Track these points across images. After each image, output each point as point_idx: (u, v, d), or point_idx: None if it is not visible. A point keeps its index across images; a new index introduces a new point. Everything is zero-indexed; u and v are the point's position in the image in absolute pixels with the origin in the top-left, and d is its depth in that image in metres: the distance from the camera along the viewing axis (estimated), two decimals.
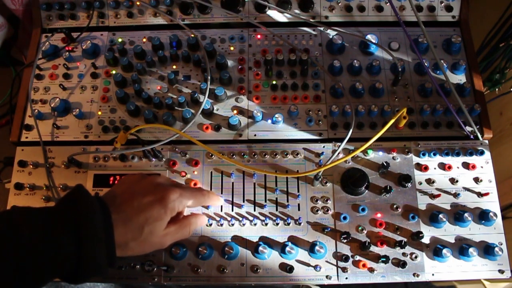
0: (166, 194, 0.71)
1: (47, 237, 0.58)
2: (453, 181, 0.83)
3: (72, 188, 0.65)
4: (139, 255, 0.71)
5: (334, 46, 0.93)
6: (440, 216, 0.78)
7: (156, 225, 0.69)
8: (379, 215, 0.81)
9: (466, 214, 0.78)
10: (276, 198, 0.82)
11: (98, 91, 0.93)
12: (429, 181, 0.83)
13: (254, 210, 0.81)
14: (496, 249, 0.77)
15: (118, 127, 0.89)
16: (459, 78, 0.92)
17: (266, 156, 0.85)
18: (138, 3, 0.98)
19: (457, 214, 0.80)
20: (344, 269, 0.77)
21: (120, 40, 0.97)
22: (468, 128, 0.86)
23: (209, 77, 0.89)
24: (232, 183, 0.83)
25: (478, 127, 0.86)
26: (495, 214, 0.79)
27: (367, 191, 0.82)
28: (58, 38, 0.98)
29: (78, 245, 0.59)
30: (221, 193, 0.83)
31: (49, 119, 0.91)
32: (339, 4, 0.96)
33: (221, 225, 0.80)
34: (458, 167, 0.84)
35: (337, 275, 0.78)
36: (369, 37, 0.93)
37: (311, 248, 0.78)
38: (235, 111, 0.90)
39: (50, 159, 0.86)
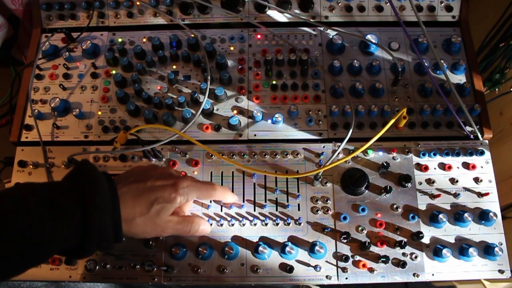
0: (178, 180, 0.73)
1: (53, 209, 0.58)
2: (453, 181, 0.83)
3: (78, 163, 0.67)
4: (139, 237, 0.72)
5: (334, 46, 0.93)
6: (440, 216, 0.78)
7: (164, 206, 0.70)
8: (379, 215, 0.81)
9: (466, 214, 0.78)
10: (276, 198, 0.82)
11: (98, 91, 0.93)
12: (429, 181, 0.83)
13: (254, 210, 0.81)
14: (496, 249, 0.77)
15: (118, 127, 0.89)
16: (459, 78, 0.92)
17: (266, 156, 0.85)
18: (138, 3, 0.98)
19: (457, 214, 0.80)
20: (344, 269, 0.77)
21: (120, 40, 0.97)
22: (468, 128, 0.86)
23: (209, 77, 0.89)
24: (232, 183, 0.83)
25: (478, 127, 0.86)
26: (495, 214, 0.79)
27: (367, 191, 0.82)
28: (58, 38, 0.98)
29: (84, 216, 0.59)
30: None
31: (49, 119, 0.91)
32: (339, 4, 0.96)
33: (221, 225, 0.80)
34: (458, 167, 0.84)
35: (337, 275, 0.78)
36: (369, 37, 0.93)
37: (311, 248, 0.78)
38: (235, 111, 0.90)
39: (50, 159, 0.86)
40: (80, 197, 0.60)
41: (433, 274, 0.78)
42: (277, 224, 0.80)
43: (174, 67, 0.94)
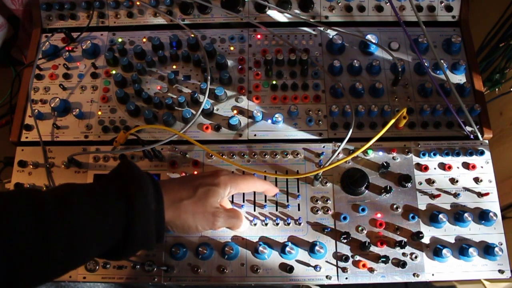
0: (217, 171, 0.74)
1: (97, 209, 0.57)
2: (453, 181, 0.83)
3: (120, 162, 0.66)
4: (191, 229, 0.69)
5: (334, 46, 0.93)
6: (440, 216, 0.78)
7: (210, 188, 0.70)
8: (379, 215, 0.81)
9: (466, 214, 0.78)
10: (276, 198, 0.82)
11: (98, 91, 0.93)
12: (429, 181, 0.83)
13: (254, 210, 0.81)
14: (496, 249, 0.77)
15: (118, 127, 0.89)
16: (459, 78, 0.92)
17: (266, 156, 0.85)
18: (138, 3, 0.98)
19: (457, 214, 0.80)
20: (344, 269, 0.77)
21: (120, 40, 0.97)
22: (468, 128, 0.86)
23: (209, 77, 0.89)
24: None
25: (478, 127, 0.86)
26: (495, 214, 0.79)
27: (367, 191, 0.82)
28: (58, 38, 0.98)
29: (127, 216, 0.58)
30: None
31: (49, 119, 0.91)
32: (339, 4, 0.96)
33: None
34: (458, 167, 0.84)
35: (337, 275, 0.78)
36: (369, 37, 0.93)
37: (311, 248, 0.78)
38: (235, 111, 0.90)
39: (50, 159, 0.86)
40: (124, 197, 0.59)
41: (433, 274, 0.78)
42: (277, 224, 0.80)
43: (174, 67, 0.94)
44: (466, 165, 0.84)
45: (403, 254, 0.78)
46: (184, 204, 0.67)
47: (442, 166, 0.84)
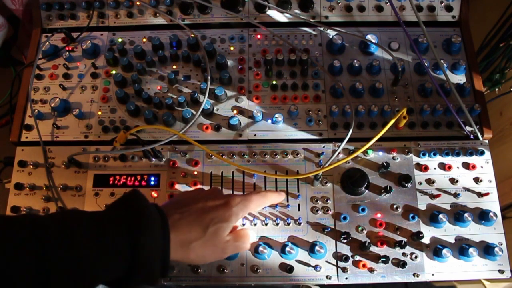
0: (229, 199, 0.71)
1: (100, 242, 0.56)
2: (453, 181, 0.83)
3: (128, 192, 0.64)
4: (199, 263, 0.69)
5: (334, 46, 0.93)
6: (440, 216, 0.78)
7: (220, 226, 0.68)
8: (379, 215, 0.81)
9: (466, 214, 0.78)
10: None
11: (98, 91, 0.93)
12: (429, 181, 0.83)
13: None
14: (496, 249, 0.77)
15: (118, 127, 0.89)
16: (459, 78, 0.92)
17: (266, 156, 0.85)
18: (138, 3, 0.98)
19: (457, 214, 0.80)
20: (344, 269, 0.77)
21: (120, 40, 0.97)
22: (468, 128, 0.86)
23: (209, 77, 0.89)
24: (232, 183, 0.83)
25: (478, 127, 0.86)
26: (495, 214, 0.79)
27: (367, 191, 0.82)
28: (58, 38, 0.98)
29: (133, 249, 0.57)
30: None
31: (49, 119, 0.91)
32: (339, 4, 0.96)
33: None
34: (458, 167, 0.84)
35: (337, 275, 0.78)
36: (369, 37, 0.93)
37: (311, 248, 0.78)
38: (235, 111, 0.90)
39: (50, 159, 0.86)
40: (130, 233, 0.57)
41: (433, 274, 0.78)
42: (277, 224, 0.80)
43: (174, 67, 0.94)
44: (466, 165, 0.84)
45: (403, 254, 0.78)
46: (193, 246, 0.66)
47: (442, 166, 0.84)
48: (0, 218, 0.57)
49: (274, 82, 0.91)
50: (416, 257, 0.78)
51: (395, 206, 0.81)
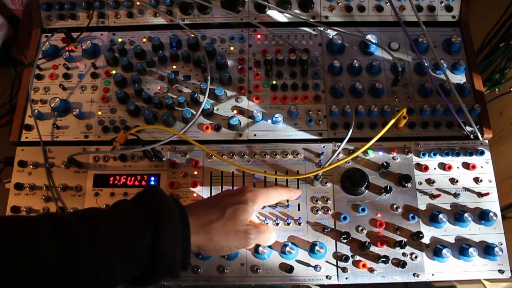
0: (243, 188, 0.76)
1: (122, 236, 0.57)
2: (453, 181, 0.83)
3: (146, 186, 0.66)
4: (224, 250, 0.69)
5: (334, 46, 0.93)
6: (440, 216, 0.78)
7: (238, 207, 0.69)
8: (379, 215, 0.81)
9: (466, 214, 0.78)
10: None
11: (98, 91, 0.93)
12: (429, 181, 0.83)
13: None
14: (496, 249, 0.77)
15: (118, 127, 0.89)
16: (459, 78, 0.92)
17: (266, 156, 0.85)
18: (138, 3, 0.98)
19: (457, 214, 0.80)
20: (344, 269, 0.77)
21: (120, 40, 0.97)
22: (468, 128, 0.86)
23: (209, 77, 0.89)
24: (232, 183, 0.83)
25: (478, 127, 0.86)
26: (495, 214, 0.79)
27: (367, 191, 0.82)
28: (58, 38, 0.98)
29: (153, 244, 0.58)
30: None
31: (49, 119, 0.91)
32: (339, 4, 0.96)
33: None
34: (458, 167, 0.84)
35: (337, 275, 0.78)
36: (369, 37, 0.93)
37: (311, 248, 0.78)
38: (235, 111, 0.90)
39: (50, 159, 0.86)
40: (150, 226, 0.58)
41: (433, 274, 0.78)
42: (277, 224, 0.80)
43: (174, 67, 0.94)
44: (466, 165, 0.84)
45: (403, 254, 0.78)
46: (215, 226, 0.67)
47: (442, 166, 0.84)
48: (21, 218, 0.57)
49: (274, 82, 0.91)
50: (416, 257, 0.78)
51: (395, 206, 0.81)
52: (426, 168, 0.83)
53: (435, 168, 0.84)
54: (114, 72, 0.93)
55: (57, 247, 0.52)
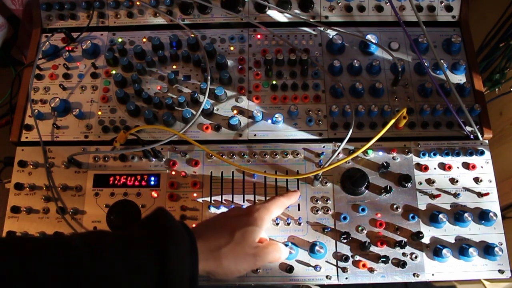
0: (250, 208, 0.73)
1: (128, 263, 0.55)
2: (453, 181, 0.83)
3: (156, 210, 0.63)
4: (234, 274, 0.67)
5: (334, 46, 0.93)
6: (440, 216, 0.78)
7: (247, 229, 0.68)
8: (379, 215, 0.81)
9: (466, 214, 0.78)
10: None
11: (98, 91, 0.93)
12: (429, 181, 0.83)
13: None
14: (496, 249, 0.77)
15: (118, 127, 0.89)
16: (459, 78, 0.92)
17: (266, 156, 0.85)
18: (138, 3, 0.98)
19: (457, 214, 0.80)
20: (344, 269, 0.77)
21: (120, 40, 0.97)
22: (468, 128, 0.86)
23: (209, 77, 0.89)
24: (232, 183, 0.83)
25: (478, 127, 0.86)
26: (495, 214, 0.79)
27: (367, 191, 0.82)
28: (58, 38, 0.98)
29: (161, 271, 0.56)
30: (221, 193, 0.83)
31: (49, 119, 0.91)
32: (339, 4, 0.96)
33: None
34: (458, 167, 0.84)
35: (337, 275, 0.78)
36: (369, 37, 0.93)
37: (311, 248, 0.78)
38: (235, 111, 0.90)
39: (50, 159, 0.86)
40: (158, 253, 0.57)
41: (433, 274, 0.78)
42: (277, 224, 0.80)
43: (174, 67, 0.94)
44: (466, 165, 0.84)
45: (403, 254, 0.78)
46: (224, 251, 0.66)
47: (442, 166, 0.84)
48: (25, 240, 0.56)
49: (274, 82, 0.91)
50: (416, 257, 0.78)
51: (395, 206, 0.81)
52: (426, 168, 0.83)
53: (435, 168, 0.84)
54: (114, 72, 0.93)
55: (62, 274, 0.51)
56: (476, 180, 0.83)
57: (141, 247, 0.57)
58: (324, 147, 0.86)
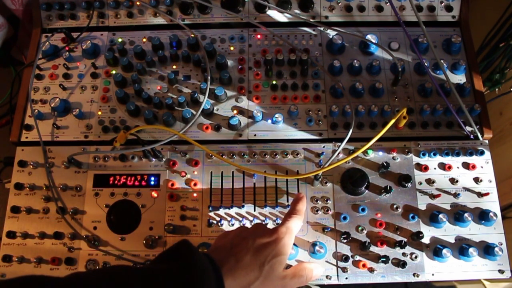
0: (277, 231, 0.69)
1: None
2: (453, 181, 0.83)
3: (178, 243, 0.62)
4: None
5: (334, 46, 0.93)
6: (440, 216, 0.78)
7: (275, 261, 0.66)
8: (379, 215, 0.81)
9: (466, 214, 0.78)
10: (276, 198, 0.82)
11: (98, 91, 0.93)
12: (429, 181, 0.83)
13: (254, 210, 0.81)
14: (496, 249, 0.77)
15: (118, 127, 0.89)
16: (459, 78, 0.92)
17: (266, 156, 0.85)
18: (138, 3, 0.98)
19: (457, 214, 0.80)
20: (344, 269, 0.77)
21: (120, 40, 0.97)
22: (468, 128, 0.86)
23: (209, 77, 0.89)
24: (232, 183, 0.83)
25: (478, 127, 0.86)
26: (495, 214, 0.79)
27: (367, 191, 0.82)
28: (58, 38, 0.98)
29: None
30: (221, 193, 0.83)
31: (49, 119, 0.91)
32: (339, 4, 0.96)
33: (221, 225, 0.80)
34: (458, 167, 0.84)
35: (337, 275, 0.78)
36: (369, 37, 0.93)
37: (311, 248, 0.78)
38: (235, 111, 0.90)
39: (50, 159, 0.86)
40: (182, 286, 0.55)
41: (433, 274, 0.78)
42: (277, 224, 0.80)
43: (174, 67, 0.94)
44: (466, 165, 0.84)
45: (403, 254, 0.78)
46: (254, 287, 0.64)
47: (442, 166, 0.84)
48: (46, 279, 0.55)
49: (274, 82, 0.91)
50: (416, 257, 0.78)
51: (395, 206, 0.81)
52: (426, 168, 0.83)
53: (435, 168, 0.84)
54: (114, 72, 0.93)
55: None
56: (476, 180, 0.83)
57: (166, 284, 0.55)
58: (324, 147, 0.86)
